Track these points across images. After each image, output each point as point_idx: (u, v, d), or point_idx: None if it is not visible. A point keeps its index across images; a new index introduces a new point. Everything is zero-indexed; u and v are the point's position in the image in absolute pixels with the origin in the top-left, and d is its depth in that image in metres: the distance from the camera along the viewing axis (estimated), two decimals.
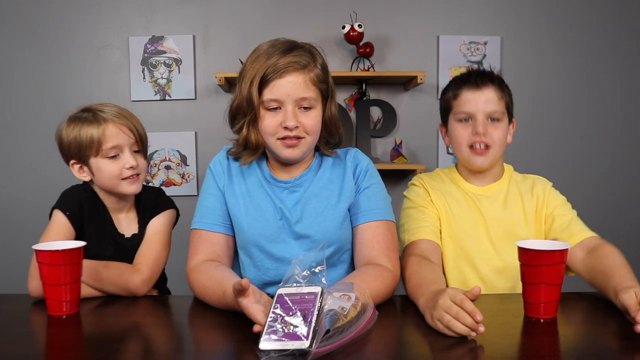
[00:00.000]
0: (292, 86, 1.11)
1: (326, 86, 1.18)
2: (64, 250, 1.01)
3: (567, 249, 1.00)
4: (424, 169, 2.45)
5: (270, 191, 1.21)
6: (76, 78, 2.61)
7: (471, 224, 1.32)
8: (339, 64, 2.63)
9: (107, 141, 1.22)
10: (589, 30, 2.71)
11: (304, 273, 0.89)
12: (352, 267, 1.23)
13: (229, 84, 2.56)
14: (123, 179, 1.24)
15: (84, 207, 1.27)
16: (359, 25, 2.49)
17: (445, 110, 1.38)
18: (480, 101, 1.29)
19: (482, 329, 0.85)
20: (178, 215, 1.40)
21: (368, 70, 2.57)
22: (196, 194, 2.68)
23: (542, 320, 0.98)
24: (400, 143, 2.61)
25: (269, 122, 1.14)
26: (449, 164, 2.11)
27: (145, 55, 2.63)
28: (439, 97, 1.43)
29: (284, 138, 1.14)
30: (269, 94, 1.12)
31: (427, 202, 1.34)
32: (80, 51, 2.62)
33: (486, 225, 1.32)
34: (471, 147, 1.31)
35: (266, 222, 1.18)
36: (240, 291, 0.88)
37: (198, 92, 2.66)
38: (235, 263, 1.27)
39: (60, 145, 1.27)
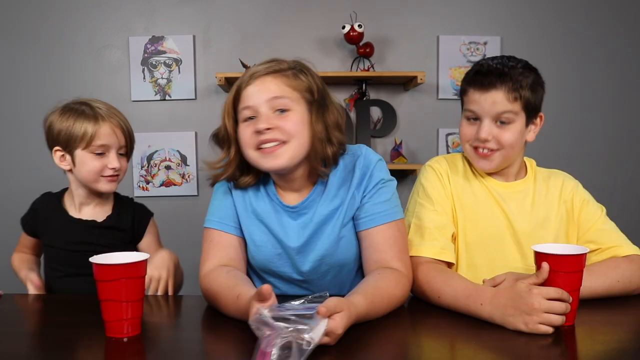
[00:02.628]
0: (260, 88, 1.06)
1: (311, 97, 1.09)
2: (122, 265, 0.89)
3: (585, 254, 0.94)
4: None
5: (279, 217, 1.15)
6: (76, 78, 2.61)
7: (494, 225, 1.23)
8: (339, 64, 2.63)
9: (98, 138, 1.27)
10: (588, 30, 2.71)
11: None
12: (360, 276, 1.18)
13: (229, 84, 2.56)
14: (102, 176, 1.29)
15: (38, 213, 1.39)
16: (359, 26, 2.49)
17: (461, 103, 1.28)
18: (487, 103, 1.17)
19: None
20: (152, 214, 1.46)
21: (368, 70, 2.57)
22: (196, 194, 2.67)
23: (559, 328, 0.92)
24: (400, 143, 2.61)
25: (244, 133, 1.08)
26: None
27: (145, 55, 2.63)
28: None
29: (260, 148, 1.06)
30: (241, 103, 1.08)
31: (444, 201, 1.23)
32: (80, 51, 2.62)
33: (512, 227, 1.23)
34: (475, 148, 1.22)
35: (273, 249, 1.15)
36: (261, 295, 0.81)
37: (198, 92, 2.66)
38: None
39: (49, 130, 1.31)
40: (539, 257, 0.95)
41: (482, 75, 1.19)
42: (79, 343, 0.91)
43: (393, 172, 1.20)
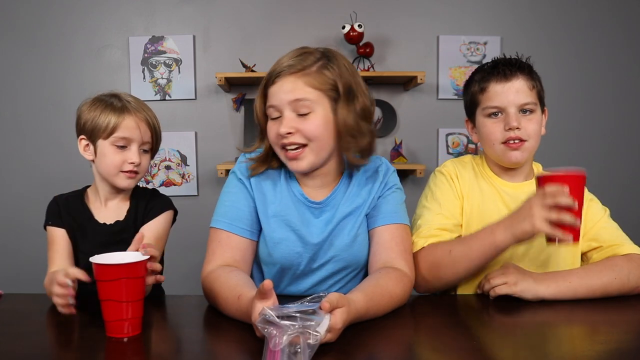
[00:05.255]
0: (283, 90, 1.08)
1: (335, 93, 1.09)
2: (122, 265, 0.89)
3: (584, 175, 1.03)
4: (424, 169, 2.45)
5: (301, 213, 1.16)
6: (76, 78, 2.61)
7: None
8: None
9: (121, 130, 1.23)
10: (588, 30, 2.71)
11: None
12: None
13: (229, 84, 2.56)
14: (121, 171, 1.24)
15: (61, 212, 1.27)
16: (359, 26, 2.49)
17: (472, 105, 1.27)
18: (511, 93, 1.19)
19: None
20: (176, 212, 1.39)
21: (368, 70, 2.57)
22: (196, 194, 2.68)
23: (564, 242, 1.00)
24: (400, 143, 2.61)
25: (271, 131, 1.11)
26: None
27: (146, 55, 2.63)
28: (462, 90, 1.33)
29: (284, 148, 1.10)
30: (267, 101, 1.11)
31: (452, 203, 1.24)
32: (80, 51, 2.62)
33: None
34: (505, 142, 1.21)
35: (293, 246, 1.15)
36: (262, 292, 0.82)
37: (198, 92, 2.66)
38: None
39: (78, 119, 1.29)
40: (541, 180, 1.02)
41: (503, 66, 1.20)
42: (79, 343, 0.91)
43: None
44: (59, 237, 1.24)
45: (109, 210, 1.30)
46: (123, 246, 1.21)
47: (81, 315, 1.04)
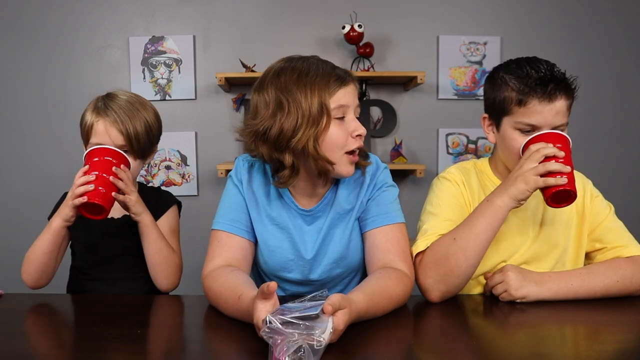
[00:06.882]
0: (354, 93, 1.08)
1: None
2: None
3: (568, 139, 1.08)
4: (424, 169, 2.45)
5: (294, 221, 1.16)
6: (76, 78, 2.61)
7: (508, 229, 1.20)
8: (339, 64, 2.59)
9: (92, 135, 1.25)
10: (588, 30, 2.71)
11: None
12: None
13: (229, 84, 2.56)
14: None
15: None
16: (359, 26, 2.49)
17: (500, 110, 1.16)
18: (551, 115, 1.10)
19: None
20: (180, 204, 1.42)
21: (368, 70, 2.57)
22: (196, 194, 2.68)
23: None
24: (400, 143, 2.61)
25: (339, 132, 1.05)
26: (449, 164, 2.11)
27: (146, 55, 2.63)
28: (484, 84, 1.24)
29: (351, 152, 1.07)
30: (336, 101, 1.04)
31: (460, 210, 1.21)
32: (80, 51, 2.62)
33: (525, 231, 1.21)
34: None
35: (287, 254, 1.15)
36: (264, 293, 0.82)
37: (198, 92, 2.66)
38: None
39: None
40: (526, 146, 1.08)
41: (550, 86, 1.09)
42: (79, 343, 0.91)
43: (393, 172, 1.21)
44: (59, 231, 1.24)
45: (115, 204, 1.29)
46: (126, 238, 1.28)
47: (81, 315, 1.04)
